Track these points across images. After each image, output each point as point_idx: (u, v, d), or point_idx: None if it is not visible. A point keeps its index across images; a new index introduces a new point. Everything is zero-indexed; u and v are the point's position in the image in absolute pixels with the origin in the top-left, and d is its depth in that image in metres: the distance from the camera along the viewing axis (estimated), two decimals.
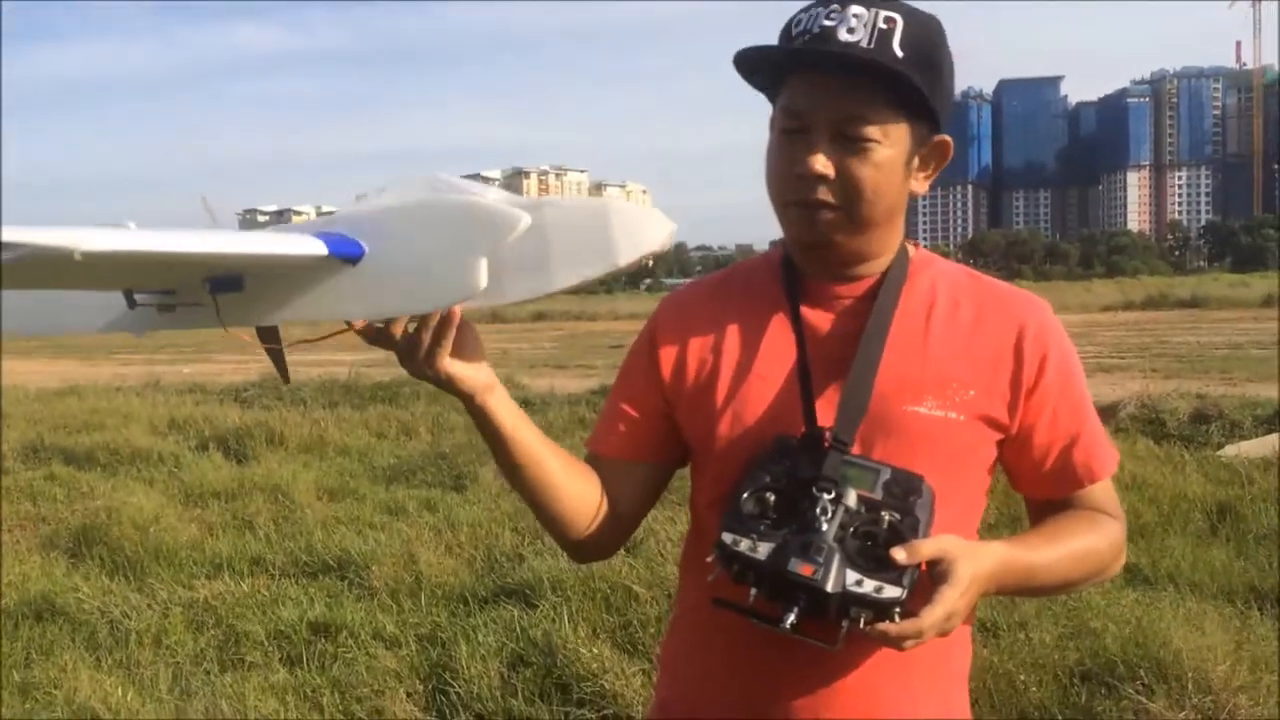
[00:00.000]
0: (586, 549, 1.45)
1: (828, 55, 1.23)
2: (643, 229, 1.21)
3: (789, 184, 1.28)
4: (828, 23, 1.23)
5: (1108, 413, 8.19)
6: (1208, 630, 3.74)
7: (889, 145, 1.26)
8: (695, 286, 1.50)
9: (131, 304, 1.38)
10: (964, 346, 1.32)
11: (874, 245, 1.33)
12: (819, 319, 1.35)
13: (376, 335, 1.27)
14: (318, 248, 1.21)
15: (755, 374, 1.35)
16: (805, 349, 1.33)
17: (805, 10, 1.27)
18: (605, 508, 1.42)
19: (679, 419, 1.41)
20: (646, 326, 1.47)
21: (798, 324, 1.34)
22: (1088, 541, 1.32)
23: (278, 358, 1.51)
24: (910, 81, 1.22)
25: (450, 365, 1.26)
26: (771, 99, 1.34)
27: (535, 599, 4.54)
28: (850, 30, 1.22)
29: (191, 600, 4.86)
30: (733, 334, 1.38)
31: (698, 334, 1.40)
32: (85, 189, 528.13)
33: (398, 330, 1.26)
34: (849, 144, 1.25)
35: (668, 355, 1.41)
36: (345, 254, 1.23)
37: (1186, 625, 3.79)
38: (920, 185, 1.33)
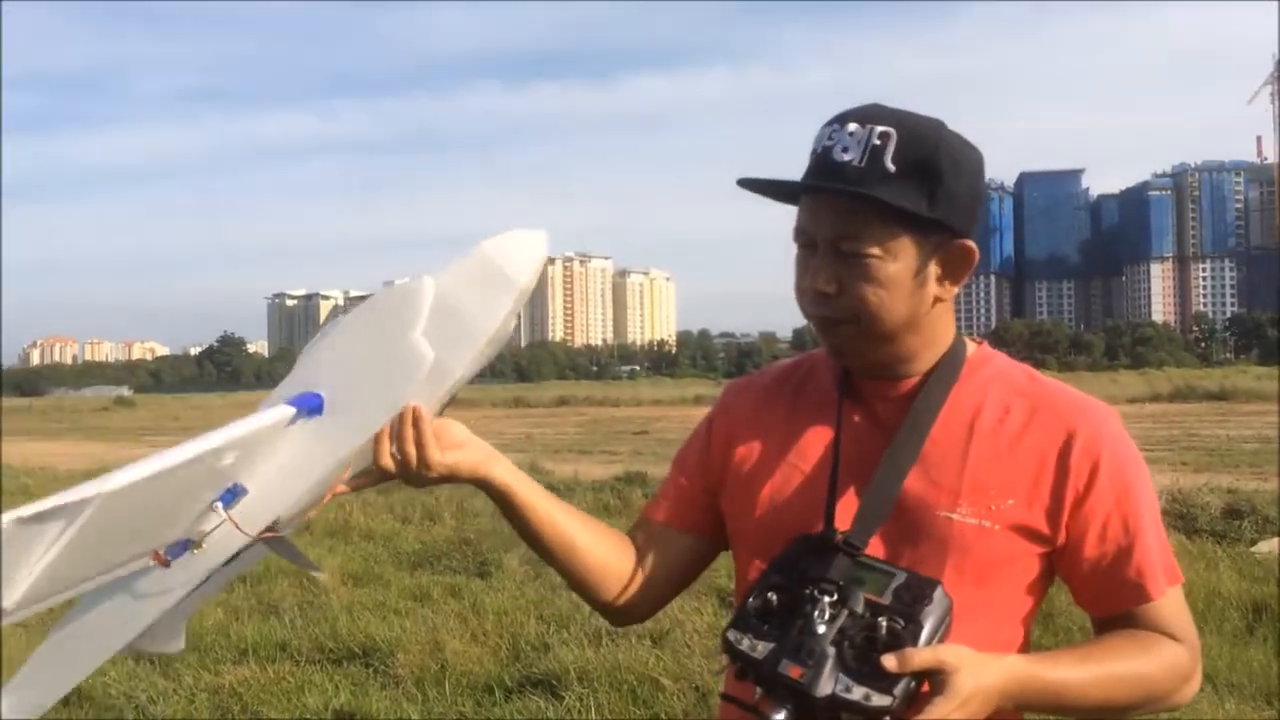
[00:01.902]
0: (616, 611, 1.46)
1: (826, 172, 1.25)
2: (521, 249, 1.36)
3: (803, 298, 1.31)
4: (828, 143, 1.27)
5: None
6: None
7: (891, 260, 1.25)
8: (762, 374, 1.53)
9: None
10: (1007, 453, 1.29)
11: (904, 351, 1.32)
12: (861, 417, 1.35)
13: (367, 475, 1.34)
14: (286, 413, 1.30)
15: (792, 469, 1.36)
16: (839, 447, 1.33)
17: (823, 127, 1.30)
18: (637, 571, 1.43)
19: (722, 504, 1.43)
20: (713, 407, 1.51)
21: (838, 421, 1.35)
22: (1133, 664, 1.25)
23: (283, 546, 1.47)
24: (890, 205, 1.22)
25: (447, 455, 1.32)
26: None
27: (561, 690, 4.51)
28: (844, 149, 1.25)
29: (217, 686, 4.84)
30: (781, 426, 1.40)
31: (751, 422, 1.43)
32: (116, 269, 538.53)
33: (384, 458, 1.32)
34: (848, 261, 1.26)
35: (720, 438, 1.44)
36: (309, 407, 1.32)
37: None
38: (945, 292, 1.31)
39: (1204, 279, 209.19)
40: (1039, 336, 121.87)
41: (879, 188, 1.23)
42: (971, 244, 1.30)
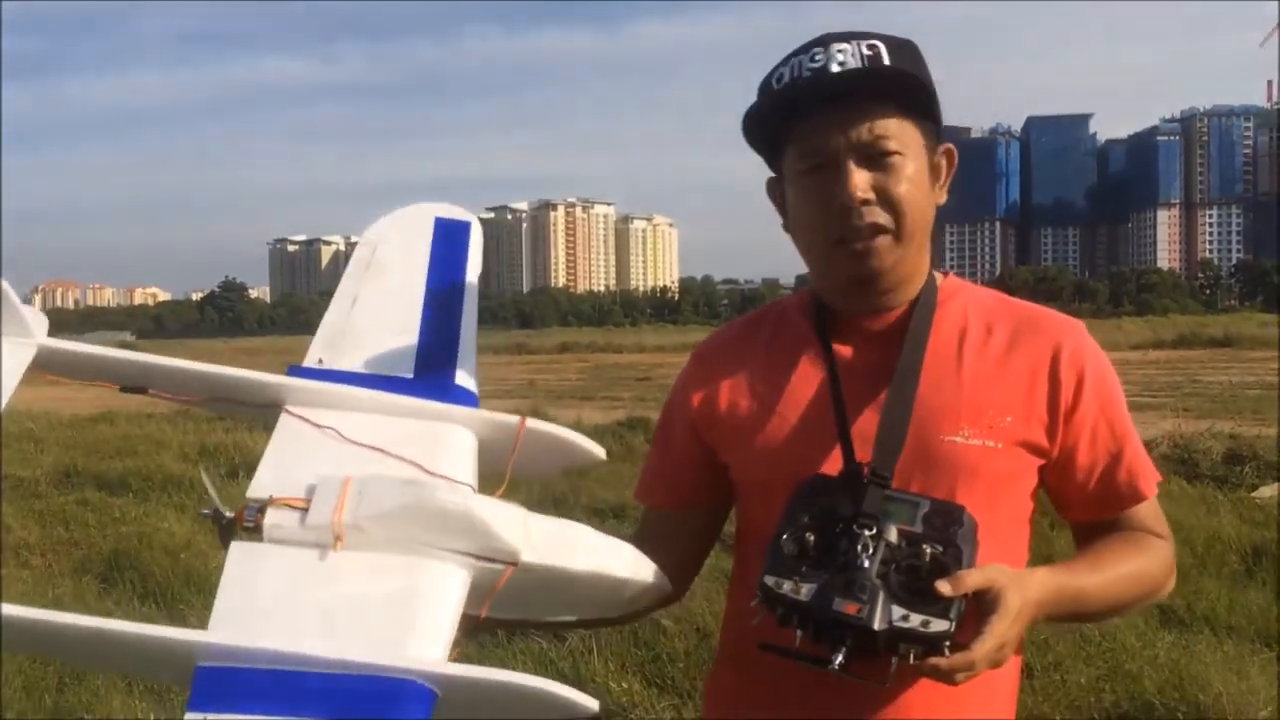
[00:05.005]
0: (646, 611, 1.45)
1: (833, 81, 1.25)
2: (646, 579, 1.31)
3: (832, 220, 1.28)
4: (814, 64, 1.26)
5: None
6: (1249, 675, 3.68)
7: (911, 156, 1.28)
8: (726, 330, 1.52)
9: None
10: (998, 372, 1.32)
11: (911, 266, 1.33)
12: (850, 353, 1.35)
13: None
14: None
15: (789, 412, 1.35)
16: (839, 385, 1.33)
17: (783, 64, 1.29)
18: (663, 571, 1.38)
19: (722, 458, 1.41)
20: (681, 374, 1.48)
21: (829, 360, 1.34)
22: (1136, 563, 1.31)
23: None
24: (916, 77, 1.26)
25: None
26: (773, 163, 1.36)
27: (564, 632, 4.53)
28: (841, 63, 1.25)
29: None
30: (765, 373, 1.39)
31: (729, 376, 1.41)
32: (118, 214, 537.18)
33: None
34: (877, 162, 1.27)
35: (700, 399, 1.42)
36: None
37: (1226, 669, 3.74)
38: (939, 197, 1.35)
39: (1211, 225, 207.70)
40: (1044, 283, 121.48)
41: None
42: (953, 147, 1.34)
